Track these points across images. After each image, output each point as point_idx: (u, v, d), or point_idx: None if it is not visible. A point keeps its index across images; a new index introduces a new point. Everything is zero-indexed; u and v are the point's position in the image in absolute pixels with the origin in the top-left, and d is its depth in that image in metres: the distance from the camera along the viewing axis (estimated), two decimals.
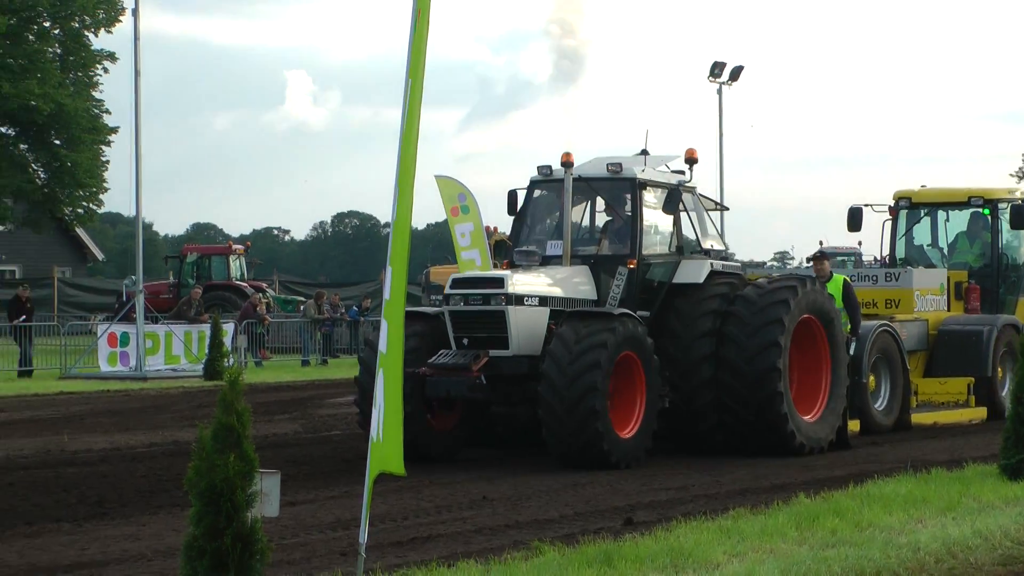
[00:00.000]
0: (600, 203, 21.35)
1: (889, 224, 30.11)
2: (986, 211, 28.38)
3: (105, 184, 67.51)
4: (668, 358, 20.41)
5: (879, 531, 14.63)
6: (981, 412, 25.03)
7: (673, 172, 21.67)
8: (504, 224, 29.64)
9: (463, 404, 20.48)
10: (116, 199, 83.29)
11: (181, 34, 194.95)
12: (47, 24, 67.89)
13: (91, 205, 67.30)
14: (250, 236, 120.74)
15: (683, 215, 21.51)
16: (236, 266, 61.11)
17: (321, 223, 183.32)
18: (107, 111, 67.57)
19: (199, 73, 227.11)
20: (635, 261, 20.68)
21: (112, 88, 74.59)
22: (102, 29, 66.47)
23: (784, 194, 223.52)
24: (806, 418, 20.91)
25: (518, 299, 19.78)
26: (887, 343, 23.85)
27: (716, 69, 61.66)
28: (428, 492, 18.77)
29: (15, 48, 64.80)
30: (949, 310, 26.49)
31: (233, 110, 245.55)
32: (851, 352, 22.73)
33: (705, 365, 20.59)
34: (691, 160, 21.91)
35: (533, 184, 21.40)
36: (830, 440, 21.42)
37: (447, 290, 20.36)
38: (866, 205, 30.13)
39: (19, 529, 16.31)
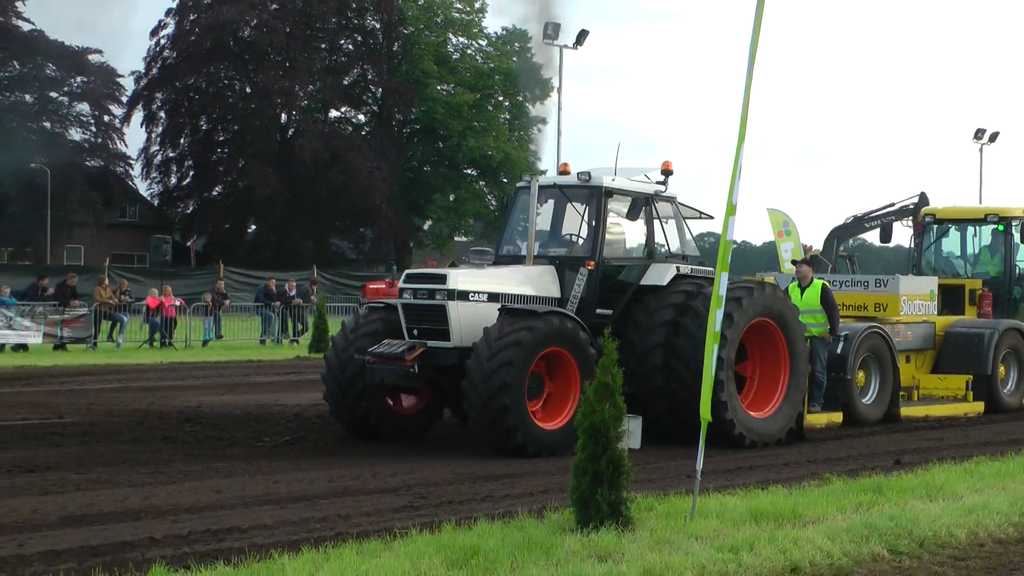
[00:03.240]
0: (572, 209, 18.53)
1: (916, 238, 27.62)
2: (1000, 227, 26.30)
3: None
4: (628, 351, 17.36)
5: None
6: (978, 406, 22.80)
7: (657, 183, 18.76)
8: (819, 244, 28.35)
9: (428, 389, 17.73)
10: None
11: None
12: (500, 98, 70.96)
13: None
14: None
15: (657, 222, 18.49)
16: None
17: None
18: (539, 159, 70.50)
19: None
20: (593, 262, 17.84)
21: (544, 142, 77.06)
22: (537, 102, 69.19)
23: None
24: (755, 413, 18.08)
25: (461, 295, 17.01)
26: (876, 343, 21.21)
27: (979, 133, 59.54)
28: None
29: (478, 114, 69.03)
30: (940, 314, 24.15)
31: None
32: (839, 351, 20.40)
33: (657, 359, 17.61)
34: (667, 172, 18.83)
35: (518, 191, 18.94)
36: (786, 432, 18.34)
37: (400, 284, 17.85)
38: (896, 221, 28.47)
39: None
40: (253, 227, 78.41)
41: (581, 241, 18.36)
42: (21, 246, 76.48)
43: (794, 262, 21.76)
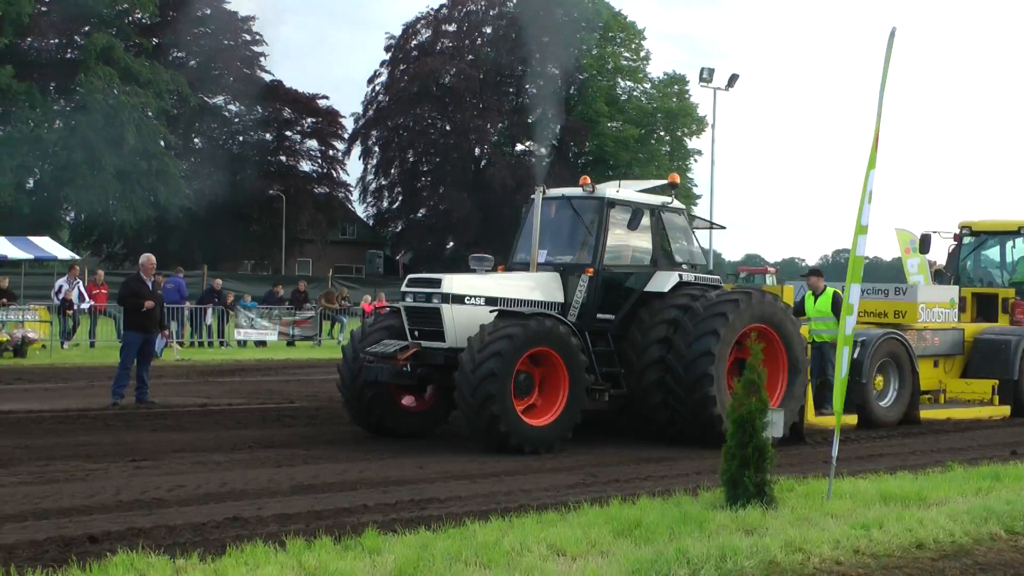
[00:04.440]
0: (578, 219, 16.73)
1: (954, 248, 25.84)
2: None
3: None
4: (626, 356, 16.46)
5: None
6: (1004, 410, 21.00)
7: (664, 195, 17.58)
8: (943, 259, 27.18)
9: (437, 388, 16.33)
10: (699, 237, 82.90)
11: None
12: (661, 133, 70.59)
13: None
14: None
15: (663, 232, 17.06)
16: None
17: None
18: (696, 185, 69.68)
19: None
20: (592, 269, 16.36)
21: (697, 172, 75.94)
22: (694, 136, 68.81)
23: None
24: None
25: (456, 298, 15.66)
26: (894, 348, 19.45)
27: None
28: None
29: (642, 147, 68.70)
30: (974, 321, 22.88)
31: None
32: (855, 356, 18.47)
33: (654, 365, 16.18)
34: (672, 184, 17.66)
35: (531, 203, 17.43)
36: (784, 435, 16.19)
37: (402, 288, 16.50)
38: (935, 232, 25.76)
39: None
40: (451, 243, 79.14)
41: (580, 249, 16.81)
42: (261, 259, 78.25)
43: (811, 271, 19.78)
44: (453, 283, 15.89)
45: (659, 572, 8.55)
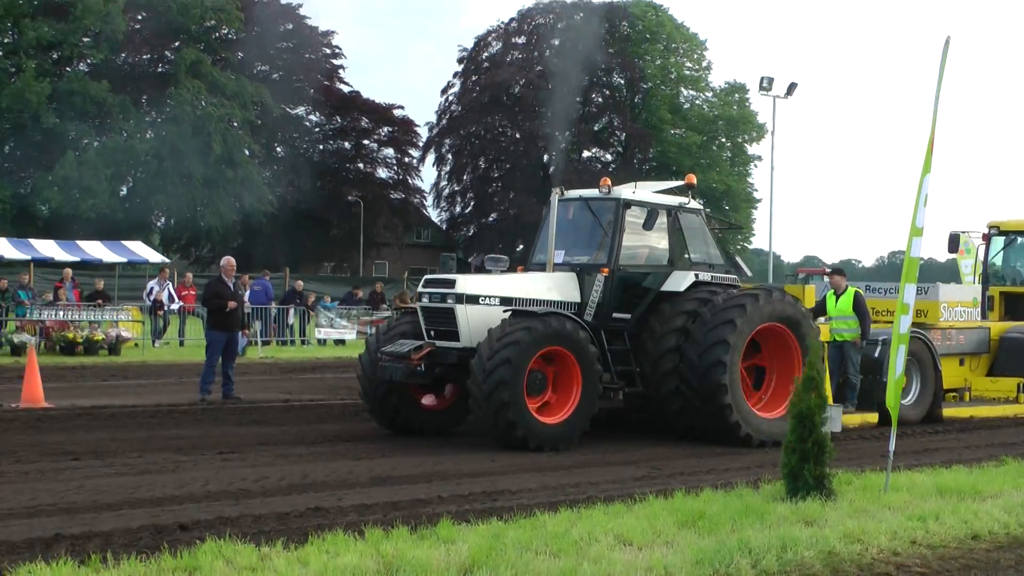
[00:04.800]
0: (595, 220, 16.21)
1: (983, 248, 24.92)
2: None
3: (753, 233, 69.09)
4: (644, 354, 15.88)
5: None
6: None
7: (680, 196, 16.76)
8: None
9: (456, 387, 15.74)
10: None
11: None
12: (723, 139, 70.39)
13: (744, 244, 69.46)
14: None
15: (680, 232, 16.34)
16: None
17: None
18: (756, 189, 69.24)
19: None
20: (608, 269, 15.80)
21: (757, 176, 75.35)
22: (754, 142, 68.32)
23: None
24: (768, 414, 15.84)
25: (470, 298, 15.13)
26: (916, 347, 18.20)
27: None
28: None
29: (704, 153, 68.89)
30: (1003, 319, 22.04)
31: None
32: (876, 355, 18.04)
33: (668, 362, 15.60)
34: (689, 186, 16.82)
35: (550, 204, 16.83)
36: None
37: (419, 288, 16.02)
38: (963, 232, 25.39)
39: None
40: (521, 246, 79.24)
41: (597, 249, 16.15)
42: (340, 262, 78.61)
43: (834, 271, 19.01)
44: (467, 283, 15.46)
45: (722, 562, 8.49)
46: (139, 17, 61.47)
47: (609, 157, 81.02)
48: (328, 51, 72.57)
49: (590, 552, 8.63)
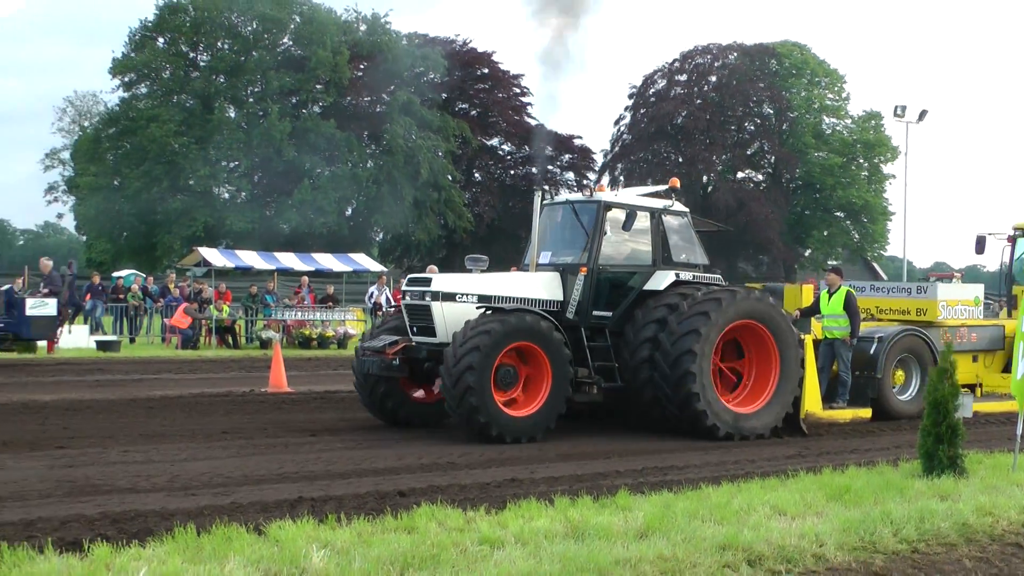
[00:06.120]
0: (578, 221, 14.73)
1: (1008, 249, 22.10)
2: None
3: (888, 242, 66.93)
4: (624, 348, 14.37)
5: None
6: None
7: (664, 199, 15.32)
8: None
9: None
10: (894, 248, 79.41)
11: None
12: (861, 160, 68.29)
13: (880, 252, 67.55)
14: None
15: (663, 233, 14.84)
16: None
17: None
18: (890, 204, 67.27)
19: None
20: (586, 268, 14.38)
21: (891, 193, 72.93)
22: (888, 163, 66.40)
23: None
24: (744, 408, 14.37)
25: (446, 296, 13.96)
26: (914, 344, 16.73)
27: None
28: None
29: (845, 173, 66.68)
30: (985, 317, 19.61)
31: None
32: (872, 352, 16.24)
33: (644, 355, 14.07)
34: (673, 189, 15.40)
35: (540, 207, 15.39)
36: (771, 428, 14.40)
37: (402, 287, 15.05)
38: (989, 234, 22.49)
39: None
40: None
41: (580, 250, 14.73)
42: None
43: (832, 269, 17.21)
44: (443, 282, 14.33)
45: (867, 531, 8.31)
46: (361, 67, 63.20)
47: (760, 177, 79.91)
48: (517, 90, 73.37)
49: (749, 520, 8.53)
